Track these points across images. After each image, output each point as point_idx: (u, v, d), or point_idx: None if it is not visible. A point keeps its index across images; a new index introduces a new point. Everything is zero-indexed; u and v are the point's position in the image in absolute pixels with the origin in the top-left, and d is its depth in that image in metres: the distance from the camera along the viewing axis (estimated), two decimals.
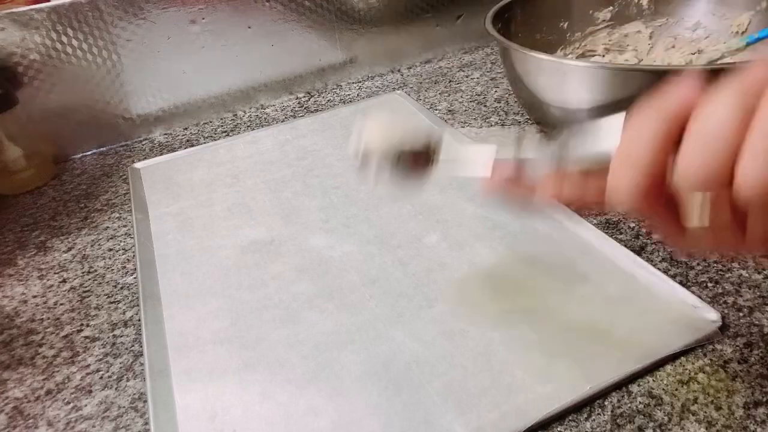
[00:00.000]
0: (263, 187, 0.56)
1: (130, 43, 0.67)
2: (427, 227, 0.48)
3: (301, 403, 0.34)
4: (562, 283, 0.40)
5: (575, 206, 0.35)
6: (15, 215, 0.59)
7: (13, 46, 0.61)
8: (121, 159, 0.68)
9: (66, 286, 0.48)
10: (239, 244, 0.48)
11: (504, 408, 0.32)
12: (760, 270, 0.40)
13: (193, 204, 0.55)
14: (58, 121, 0.67)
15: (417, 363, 0.36)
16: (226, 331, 0.40)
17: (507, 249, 0.44)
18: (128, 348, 0.41)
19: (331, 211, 0.51)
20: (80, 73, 0.66)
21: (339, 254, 0.46)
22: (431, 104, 0.70)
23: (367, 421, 0.32)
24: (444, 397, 0.33)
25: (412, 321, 0.39)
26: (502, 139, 0.31)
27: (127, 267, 0.49)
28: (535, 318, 0.38)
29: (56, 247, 0.53)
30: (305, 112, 0.74)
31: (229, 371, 0.37)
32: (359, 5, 0.77)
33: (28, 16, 0.61)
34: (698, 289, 0.39)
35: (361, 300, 0.41)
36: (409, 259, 0.44)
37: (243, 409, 0.34)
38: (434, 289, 0.41)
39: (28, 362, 0.41)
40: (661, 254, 0.43)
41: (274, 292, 0.43)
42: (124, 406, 0.36)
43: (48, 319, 0.44)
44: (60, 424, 0.36)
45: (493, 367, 0.35)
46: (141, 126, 0.72)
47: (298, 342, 0.38)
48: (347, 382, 0.35)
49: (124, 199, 0.59)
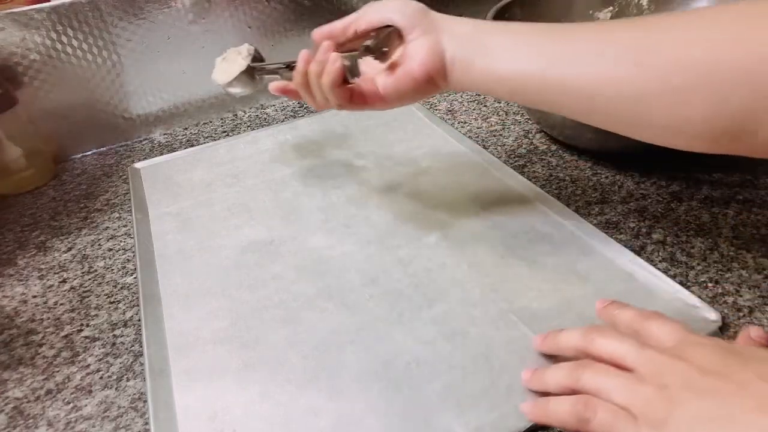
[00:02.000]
0: (263, 187, 0.56)
1: (130, 43, 0.67)
2: (427, 227, 0.48)
3: (301, 403, 0.34)
4: (562, 283, 0.40)
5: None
6: (15, 215, 0.59)
7: (13, 46, 0.61)
8: (121, 159, 0.68)
9: (66, 286, 0.48)
10: (239, 244, 0.48)
11: (503, 409, 0.32)
12: (760, 270, 0.40)
13: (193, 204, 0.55)
14: (58, 121, 0.67)
15: (417, 363, 0.36)
16: (226, 331, 0.40)
17: (507, 249, 0.44)
18: (128, 348, 0.41)
19: (331, 211, 0.51)
20: (80, 73, 0.66)
21: (339, 254, 0.46)
22: (431, 104, 0.70)
23: (367, 421, 0.32)
24: (443, 397, 0.33)
25: (412, 321, 0.39)
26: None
27: (127, 267, 0.49)
28: (534, 318, 0.38)
29: (56, 247, 0.53)
30: (305, 112, 0.74)
31: (229, 371, 0.37)
32: (359, 5, 0.77)
33: (28, 16, 0.61)
34: (698, 289, 0.39)
35: (360, 300, 0.41)
36: (409, 259, 0.44)
37: (243, 409, 0.34)
38: (434, 289, 0.41)
39: (28, 362, 0.41)
40: (661, 254, 0.43)
41: (274, 292, 0.43)
42: (124, 406, 0.36)
43: (48, 319, 0.44)
44: (60, 424, 0.36)
45: (493, 367, 0.35)
46: (141, 126, 0.72)
47: (298, 342, 0.38)
48: (347, 382, 0.35)
49: (124, 199, 0.59)
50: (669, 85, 0.30)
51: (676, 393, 0.26)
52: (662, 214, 0.47)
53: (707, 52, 0.29)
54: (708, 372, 0.26)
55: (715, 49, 0.29)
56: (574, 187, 0.52)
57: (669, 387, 0.26)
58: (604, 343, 0.30)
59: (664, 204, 0.48)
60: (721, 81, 0.29)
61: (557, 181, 0.53)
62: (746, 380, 0.25)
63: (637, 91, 0.31)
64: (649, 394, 0.26)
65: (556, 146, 0.58)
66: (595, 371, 0.29)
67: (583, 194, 0.50)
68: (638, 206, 0.48)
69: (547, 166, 0.55)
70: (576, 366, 0.30)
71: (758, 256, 0.41)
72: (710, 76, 0.29)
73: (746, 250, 0.42)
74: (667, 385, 0.26)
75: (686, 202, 0.48)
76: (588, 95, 0.33)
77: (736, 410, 0.24)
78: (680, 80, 0.30)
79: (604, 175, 0.53)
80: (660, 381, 0.27)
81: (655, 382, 0.27)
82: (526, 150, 0.58)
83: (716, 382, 0.26)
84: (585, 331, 0.32)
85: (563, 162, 0.55)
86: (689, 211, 0.47)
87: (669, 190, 0.49)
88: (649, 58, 0.30)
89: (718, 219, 0.45)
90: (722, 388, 0.25)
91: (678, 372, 0.27)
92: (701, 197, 0.48)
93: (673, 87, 0.30)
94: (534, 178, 0.53)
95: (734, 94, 0.29)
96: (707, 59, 0.29)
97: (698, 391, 0.25)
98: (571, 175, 0.53)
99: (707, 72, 0.29)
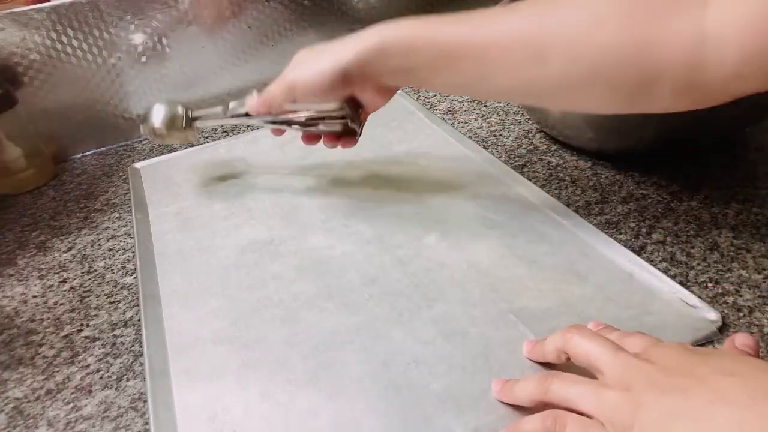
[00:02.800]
0: (263, 186, 0.56)
1: (130, 43, 0.67)
2: (426, 227, 0.48)
3: (300, 403, 0.34)
4: (562, 283, 0.40)
5: None
6: (15, 215, 0.59)
7: (13, 46, 0.61)
8: (121, 159, 0.68)
9: (66, 286, 0.48)
10: (239, 244, 0.49)
11: (503, 409, 0.32)
12: (760, 270, 0.40)
13: (193, 204, 0.55)
14: (58, 121, 0.67)
15: (416, 363, 0.36)
16: (226, 331, 0.40)
17: (506, 249, 0.44)
18: (128, 348, 0.41)
19: (331, 211, 0.51)
20: (80, 73, 0.66)
21: (339, 254, 0.46)
22: (431, 104, 0.70)
23: (367, 421, 0.32)
24: (443, 397, 0.33)
25: (412, 321, 0.39)
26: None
27: (127, 267, 0.49)
28: (534, 318, 0.38)
29: (56, 247, 0.53)
30: None
31: (229, 371, 0.37)
32: (359, 5, 0.77)
33: (28, 16, 0.61)
34: (698, 289, 0.39)
35: (360, 300, 0.41)
36: (408, 259, 0.44)
37: (243, 409, 0.34)
38: (434, 289, 0.41)
39: (28, 362, 0.41)
40: (661, 254, 0.43)
41: (273, 292, 0.43)
42: (124, 406, 0.36)
43: (48, 319, 0.44)
44: (60, 424, 0.36)
45: (492, 367, 0.35)
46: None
47: (298, 342, 0.38)
48: (347, 382, 0.35)
49: (124, 199, 0.60)
50: (567, 79, 0.34)
51: (641, 394, 0.26)
52: (662, 214, 0.47)
53: (597, 46, 0.32)
54: (670, 371, 0.27)
55: (603, 42, 0.32)
56: (574, 187, 0.52)
57: (633, 389, 0.27)
58: (581, 342, 0.30)
59: (664, 204, 0.48)
60: (614, 69, 0.32)
61: (557, 181, 0.53)
62: (704, 374, 0.26)
63: (539, 86, 0.36)
64: (615, 398, 0.27)
65: (556, 146, 0.58)
66: (562, 380, 0.29)
67: (583, 194, 0.50)
68: (638, 206, 0.48)
69: (547, 166, 0.55)
70: (545, 377, 0.30)
71: (758, 256, 0.41)
72: (602, 68, 0.33)
73: (746, 250, 0.42)
74: (632, 388, 0.27)
75: (686, 202, 0.48)
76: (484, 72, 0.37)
77: (698, 404, 0.25)
78: (576, 75, 0.34)
79: (604, 175, 0.53)
80: (625, 384, 0.27)
81: (620, 385, 0.27)
82: (526, 150, 0.58)
83: (678, 380, 0.26)
84: (563, 332, 0.32)
85: (563, 162, 0.55)
86: (689, 211, 0.47)
87: (669, 190, 0.49)
88: (548, 53, 0.34)
89: (718, 219, 0.45)
90: (683, 384, 0.26)
91: (643, 373, 0.27)
92: (701, 197, 0.48)
93: (570, 82, 0.35)
94: (534, 178, 0.53)
95: (626, 81, 0.33)
96: (598, 52, 0.33)
97: (661, 390, 0.26)
98: (571, 175, 0.53)
99: (600, 64, 0.33)
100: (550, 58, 0.34)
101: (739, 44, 0.29)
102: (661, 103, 0.33)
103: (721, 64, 0.30)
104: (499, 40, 0.35)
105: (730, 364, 0.26)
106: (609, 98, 0.35)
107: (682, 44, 0.31)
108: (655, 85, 0.32)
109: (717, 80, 0.31)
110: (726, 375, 0.25)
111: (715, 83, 0.31)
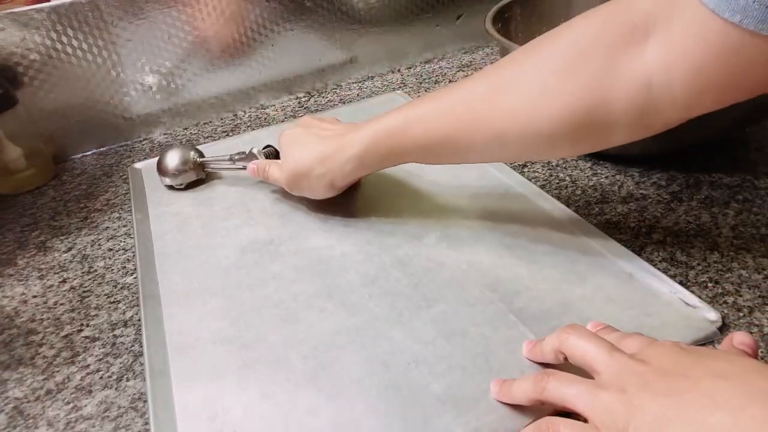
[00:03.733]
0: (263, 186, 0.56)
1: (130, 43, 0.67)
2: (426, 227, 0.48)
3: (300, 403, 0.34)
4: (562, 283, 0.40)
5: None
6: (15, 215, 0.59)
7: (13, 46, 0.61)
8: (121, 159, 0.68)
9: (66, 286, 0.48)
10: (239, 244, 0.49)
11: (502, 409, 0.32)
12: (760, 270, 0.40)
13: (193, 203, 0.55)
14: (58, 121, 0.67)
15: (416, 363, 0.36)
16: (226, 331, 0.40)
17: (506, 249, 0.44)
18: (128, 348, 0.41)
19: (331, 211, 0.51)
20: (80, 73, 0.66)
21: (338, 254, 0.46)
22: None
23: (367, 421, 0.32)
24: (443, 397, 0.33)
25: (412, 321, 0.39)
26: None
27: (127, 267, 0.49)
28: (534, 318, 0.38)
29: (56, 247, 0.53)
30: (305, 112, 0.74)
31: (229, 371, 0.37)
32: (359, 5, 0.77)
33: (28, 16, 0.61)
34: (698, 289, 0.39)
35: (360, 300, 0.41)
36: (408, 259, 0.44)
37: (243, 409, 0.34)
38: (433, 289, 0.41)
39: (28, 362, 0.41)
40: (661, 254, 0.43)
41: (273, 292, 0.43)
42: (124, 406, 0.36)
43: (48, 319, 0.44)
44: (60, 424, 0.36)
45: (492, 368, 0.35)
46: (141, 126, 0.72)
47: (298, 342, 0.38)
48: (347, 382, 0.35)
49: (124, 199, 0.60)
50: (528, 152, 0.42)
51: (634, 396, 0.26)
52: (662, 214, 0.47)
53: (549, 118, 0.35)
54: (665, 372, 0.27)
55: (554, 113, 0.35)
56: (574, 187, 0.52)
57: (627, 390, 0.27)
58: (577, 342, 0.30)
59: (664, 204, 0.48)
60: (569, 132, 0.35)
61: (557, 181, 0.53)
62: (698, 376, 0.26)
63: (507, 158, 0.46)
64: (610, 400, 0.27)
65: None
66: (558, 380, 0.29)
67: (583, 194, 0.50)
68: (638, 206, 0.48)
69: (547, 166, 0.55)
70: (541, 376, 0.30)
71: (758, 256, 0.41)
72: (556, 135, 0.35)
73: (746, 250, 0.42)
74: (626, 389, 0.27)
75: (686, 202, 0.48)
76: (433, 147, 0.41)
77: (691, 409, 0.25)
78: (535, 146, 0.37)
79: (604, 175, 0.53)
80: (620, 385, 0.27)
81: (615, 386, 0.27)
82: None
83: (671, 382, 0.26)
84: (560, 332, 0.32)
85: (563, 162, 0.55)
86: (689, 211, 0.47)
87: (669, 190, 0.49)
88: (506, 138, 0.37)
89: (718, 219, 0.45)
90: (677, 387, 0.26)
91: (637, 374, 0.27)
92: (701, 197, 0.48)
93: (530, 154, 0.43)
94: (534, 178, 0.53)
95: (583, 137, 0.36)
96: (550, 125, 0.35)
97: (655, 393, 0.26)
98: (571, 175, 0.53)
99: (555, 132, 0.35)
100: (509, 140, 0.37)
101: (686, 82, 0.31)
102: (619, 142, 0.36)
103: (671, 103, 0.32)
104: (465, 125, 0.38)
105: (725, 365, 0.26)
106: (570, 152, 0.43)
107: (632, 96, 0.33)
108: (611, 134, 0.35)
109: (670, 115, 0.33)
110: (720, 377, 0.25)
111: (669, 117, 0.33)
